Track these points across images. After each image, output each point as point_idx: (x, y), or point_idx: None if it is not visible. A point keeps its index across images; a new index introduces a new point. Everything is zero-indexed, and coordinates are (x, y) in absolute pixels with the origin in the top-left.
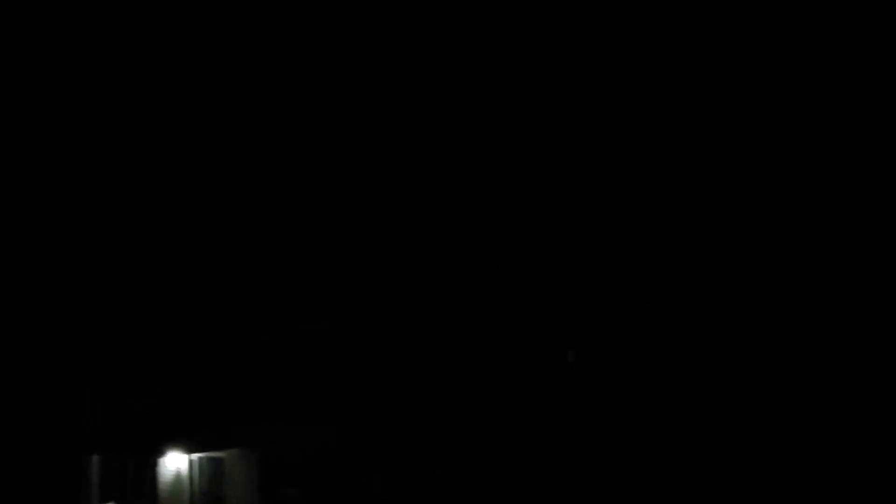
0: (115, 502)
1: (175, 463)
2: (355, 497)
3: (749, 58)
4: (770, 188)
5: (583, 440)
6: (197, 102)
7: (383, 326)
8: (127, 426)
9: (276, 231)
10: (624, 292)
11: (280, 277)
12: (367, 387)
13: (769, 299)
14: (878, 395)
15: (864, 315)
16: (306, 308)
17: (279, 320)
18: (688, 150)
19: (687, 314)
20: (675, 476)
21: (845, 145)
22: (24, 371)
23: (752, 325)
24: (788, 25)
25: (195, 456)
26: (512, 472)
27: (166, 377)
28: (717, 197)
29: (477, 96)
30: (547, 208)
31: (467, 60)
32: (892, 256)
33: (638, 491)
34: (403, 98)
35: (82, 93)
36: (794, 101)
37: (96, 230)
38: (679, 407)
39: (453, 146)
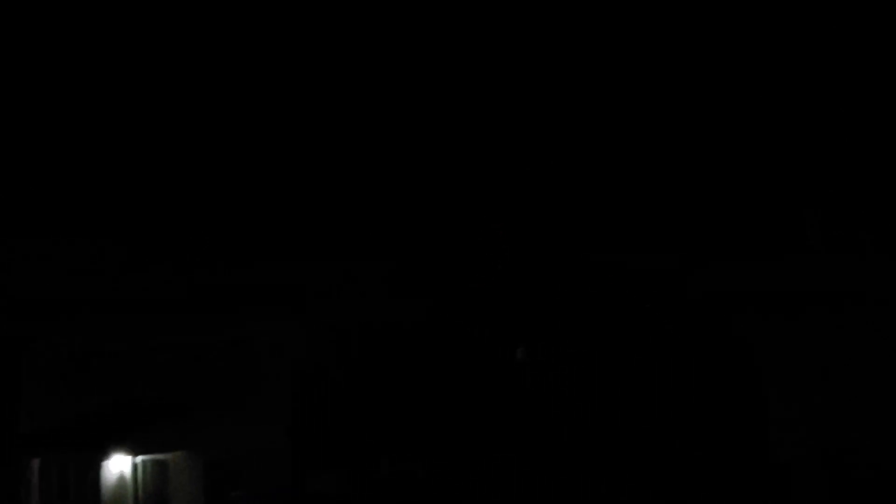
0: None
1: (118, 465)
2: (304, 496)
3: (749, 58)
4: (770, 188)
5: (561, 439)
6: (197, 102)
7: (331, 325)
8: (68, 427)
9: (276, 231)
10: (624, 292)
11: (280, 277)
12: (314, 385)
13: (769, 299)
14: (878, 395)
15: (864, 315)
16: (306, 308)
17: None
18: (687, 150)
19: (687, 314)
20: (674, 476)
21: (845, 145)
22: None
23: (752, 325)
24: (788, 25)
25: (139, 458)
26: (465, 469)
27: (111, 377)
28: (717, 197)
29: (477, 96)
30: (547, 208)
31: (467, 60)
32: (892, 256)
33: (624, 490)
34: (403, 98)
35: (82, 93)
36: (794, 100)
37: (96, 230)
38: (679, 407)
39: (453, 146)
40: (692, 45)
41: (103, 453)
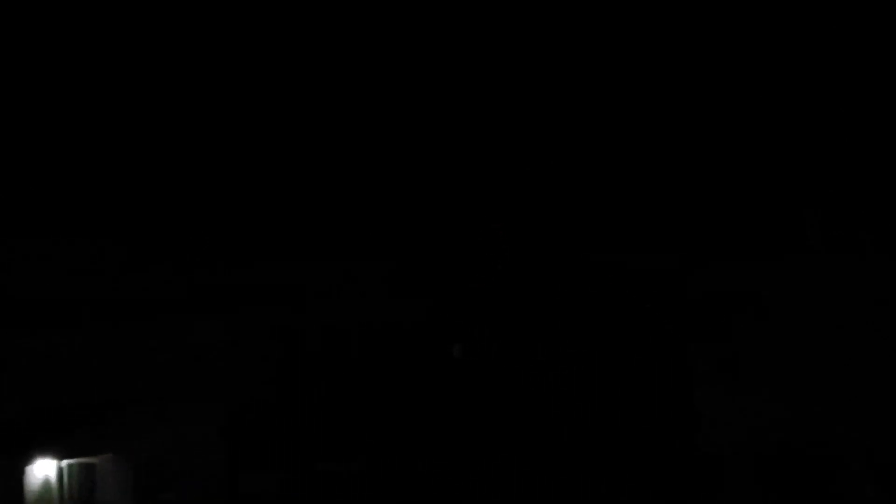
0: None
1: (43, 470)
2: (237, 497)
3: (749, 57)
4: (770, 188)
5: (558, 440)
6: (197, 102)
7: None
8: None
9: (276, 231)
10: (624, 292)
11: (280, 277)
12: (249, 384)
13: (769, 299)
14: (878, 396)
15: (864, 315)
16: (306, 308)
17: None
18: (687, 150)
19: (687, 314)
20: (672, 477)
21: (845, 145)
22: None
23: (752, 325)
24: (788, 25)
25: (65, 462)
26: (402, 468)
27: (33, 379)
28: (717, 197)
29: (476, 96)
30: (547, 208)
31: (467, 60)
32: (892, 256)
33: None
34: (403, 98)
35: (82, 92)
36: (794, 100)
37: (96, 230)
38: (679, 407)
39: (453, 146)
40: (692, 45)
41: (27, 458)
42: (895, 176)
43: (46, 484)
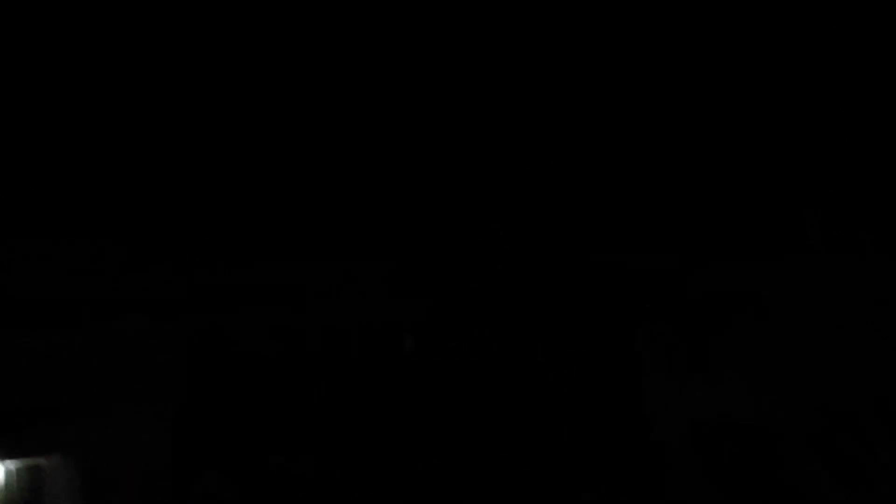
0: None
1: None
2: (189, 497)
3: (749, 57)
4: (770, 188)
5: (559, 441)
6: (196, 102)
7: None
8: None
9: (276, 231)
10: (624, 292)
11: (280, 277)
12: (197, 382)
13: (769, 299)
14: (877, 396)
15: (864, 315)
16: (306, 308)
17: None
18: (687, 150)
19: (687, 314)
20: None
21: (845, 145)
22: None
23: (752, 325)
24: (788, 25)
25: (10, 464)
26: (354, 465)
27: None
28: (717, 197)
29: (476, 96)
30: (547, 208)
31: (466, 60)
32: (892, 256)
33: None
34: (403, 98)
35: (82, 92)
36: (794, 100)
37: (96, 230)
38: (680, 407)
39: (453, 146)
40: (692, 45)
41: None
42: (895, 176)
43: None
